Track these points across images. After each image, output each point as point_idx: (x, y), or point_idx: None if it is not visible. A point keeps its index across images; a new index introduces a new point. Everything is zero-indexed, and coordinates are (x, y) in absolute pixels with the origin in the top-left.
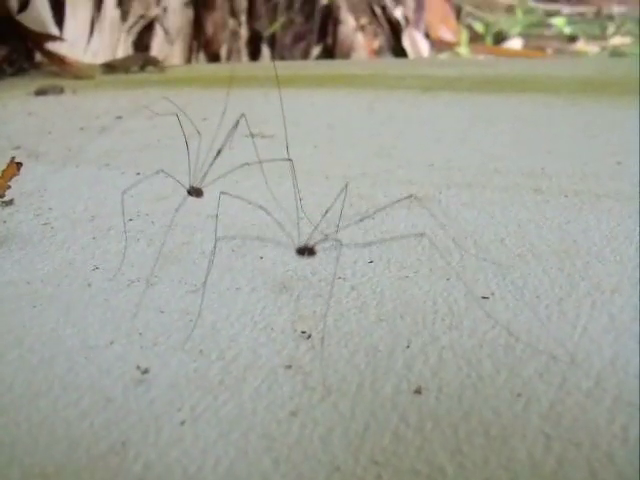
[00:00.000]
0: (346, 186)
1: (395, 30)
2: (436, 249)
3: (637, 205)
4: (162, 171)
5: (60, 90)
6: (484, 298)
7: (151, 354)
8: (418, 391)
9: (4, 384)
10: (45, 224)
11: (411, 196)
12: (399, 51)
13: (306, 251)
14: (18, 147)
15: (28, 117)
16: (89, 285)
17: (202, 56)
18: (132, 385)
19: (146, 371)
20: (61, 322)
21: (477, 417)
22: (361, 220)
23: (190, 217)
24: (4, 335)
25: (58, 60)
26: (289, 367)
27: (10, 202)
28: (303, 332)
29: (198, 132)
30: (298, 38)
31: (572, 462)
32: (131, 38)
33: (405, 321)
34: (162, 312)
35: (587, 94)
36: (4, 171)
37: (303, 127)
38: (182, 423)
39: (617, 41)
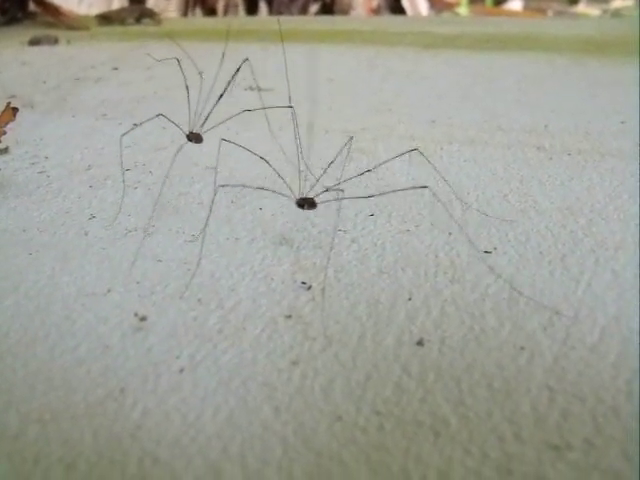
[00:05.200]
0: (350, 139)
1: None
2: (439, 201)
3: None
4: (161, 115)
5: (54, 40)
6: (486, 252)
7: (149, 302)
8: (420, 343)
9: (0, 331)
10: (41, 172)
11: (415, 150)
12: (398, 10)
13: (306, 203)
14: (13, 96)
15: (22, 66)
16: (86, 234)
17: (198, 11)
18: (130, 332)
19: (144, 318)
20: (57, 270)
21: (480, 369)
22: (362, 174)
23: (188, 168)
24: (0, 282)
25: (52, 10)
26: (289, 317)
27: (5, 150)
28: (303, 283)
29: (200, 74)
30: None
31: (576, 416)
32: None
33: (406, 274)
34: (160, 261)
35: (590, 53)
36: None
37: (303, 81)
38: (181, 371)
39: (618, 3)
